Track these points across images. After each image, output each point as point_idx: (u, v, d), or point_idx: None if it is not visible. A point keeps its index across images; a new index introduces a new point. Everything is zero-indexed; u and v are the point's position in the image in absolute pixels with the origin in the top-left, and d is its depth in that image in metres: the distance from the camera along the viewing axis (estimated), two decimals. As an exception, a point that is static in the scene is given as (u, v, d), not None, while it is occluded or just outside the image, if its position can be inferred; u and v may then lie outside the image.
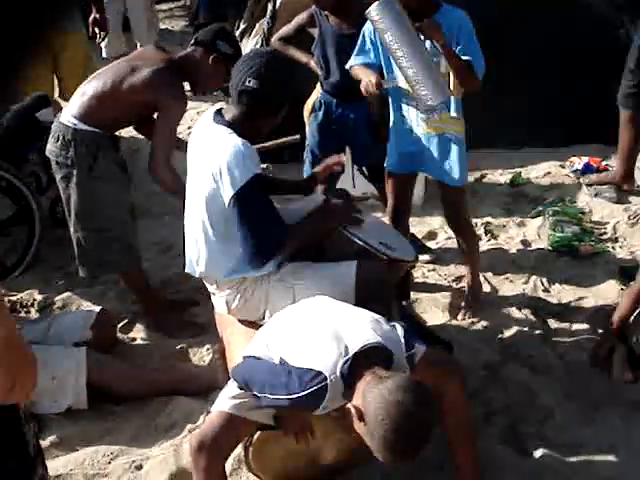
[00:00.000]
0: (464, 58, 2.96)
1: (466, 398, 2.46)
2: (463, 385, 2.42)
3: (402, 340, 2.16)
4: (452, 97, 3.12)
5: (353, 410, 1.95)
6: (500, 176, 5.04)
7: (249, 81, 2.61)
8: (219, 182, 2.54)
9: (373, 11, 2.90)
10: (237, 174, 2.50)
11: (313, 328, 2.22)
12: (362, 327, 2.15)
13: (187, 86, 3.41)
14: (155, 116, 3.36)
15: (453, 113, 3.18)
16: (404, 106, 3.25)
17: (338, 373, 2.01)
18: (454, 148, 3.22)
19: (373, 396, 1.91)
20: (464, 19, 3.04)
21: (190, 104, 3.91)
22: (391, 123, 3.34)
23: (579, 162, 5.09)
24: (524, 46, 4.96)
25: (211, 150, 2.61)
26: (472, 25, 3.04)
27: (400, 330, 2.19)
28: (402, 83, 3.12)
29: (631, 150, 4.53)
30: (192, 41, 3.41)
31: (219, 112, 2.71)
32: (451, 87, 3.08)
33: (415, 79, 2.94)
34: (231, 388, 2.29)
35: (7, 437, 1.56)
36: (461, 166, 3.24)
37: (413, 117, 3.23)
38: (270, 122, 2.75)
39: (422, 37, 2.95)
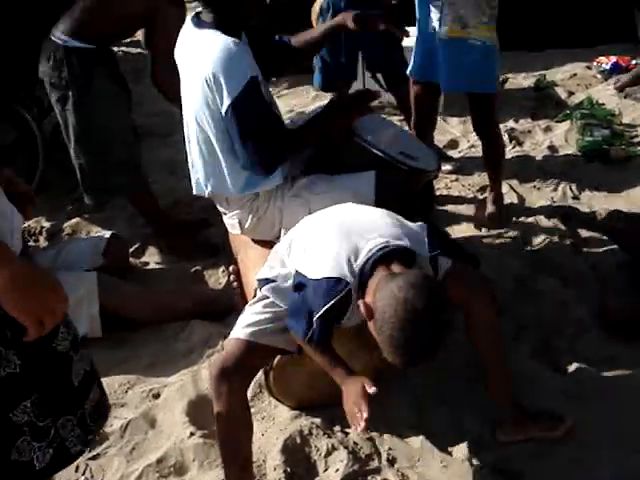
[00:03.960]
0: None
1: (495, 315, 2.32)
2: (493, 304, 2.27)
3: (425, 239, 2.04)
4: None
5: (363, 307, 1.83)
6: (523, 80, 4.87)
7: None
8: (214, 92, 2.36)
9: None
10: (232, 81, 2.32)
11: (327, 234, 2.09)
12: (381, 227, 2.04)
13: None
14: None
15: (484, 19, 3.00)
16: (430, 7, 3.04)
17: (358, 275, 1.91)
18: (482, 54, 3.02)
19: (383, 292, 1.79)
20: None
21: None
22: (416, 25, 3.13)
23: (607, 62, 4.89)
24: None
25: (201, 58, 2.40)
26: None
27: (424, 229, 2.07)
28: None
29: None
30: None
31: (198, 16, 2.49)
32: None
33: None
34: (248, 314, 2.17)
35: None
36: (489, 72, 3.07)
37: (435, 19, 3.02)
38: (252, 7, 2.46)
39: None
